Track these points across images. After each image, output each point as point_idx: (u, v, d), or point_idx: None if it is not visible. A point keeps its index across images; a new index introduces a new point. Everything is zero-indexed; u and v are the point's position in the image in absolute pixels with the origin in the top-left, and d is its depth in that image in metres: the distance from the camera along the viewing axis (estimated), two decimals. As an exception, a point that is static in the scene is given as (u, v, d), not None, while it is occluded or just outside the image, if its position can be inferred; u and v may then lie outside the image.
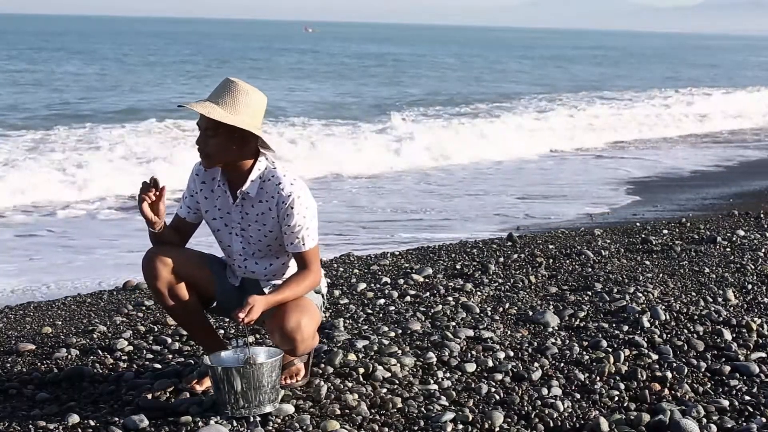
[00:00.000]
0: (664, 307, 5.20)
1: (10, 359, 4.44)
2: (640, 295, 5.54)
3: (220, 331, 4.70)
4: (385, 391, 3.85)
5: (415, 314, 5.12)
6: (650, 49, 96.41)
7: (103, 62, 40.06)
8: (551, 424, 3.61)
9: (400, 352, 4.34)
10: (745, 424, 3.63)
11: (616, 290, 5.69)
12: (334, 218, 9.56)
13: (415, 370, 4.13)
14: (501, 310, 5.27)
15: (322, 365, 4.09)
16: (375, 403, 3.72)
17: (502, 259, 6.79)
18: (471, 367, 4.17)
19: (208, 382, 3.74)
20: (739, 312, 5.27)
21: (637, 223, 8.66)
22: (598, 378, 4.10)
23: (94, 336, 4.85)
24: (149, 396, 3.75)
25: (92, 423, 3.49)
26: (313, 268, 3.65)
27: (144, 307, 5.53)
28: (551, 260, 6.75)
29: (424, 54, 62.78)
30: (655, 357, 4.38)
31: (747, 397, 3.93)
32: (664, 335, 4.73)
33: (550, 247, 7.31)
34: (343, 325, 4.86)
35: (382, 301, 5.48)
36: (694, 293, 5.68)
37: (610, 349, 4.48)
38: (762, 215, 8.87)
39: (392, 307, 5.32)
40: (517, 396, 3.84)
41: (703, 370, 4.24)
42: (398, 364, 4.15)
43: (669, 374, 4.13)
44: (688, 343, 4.59)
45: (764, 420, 3.66)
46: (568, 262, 6.70)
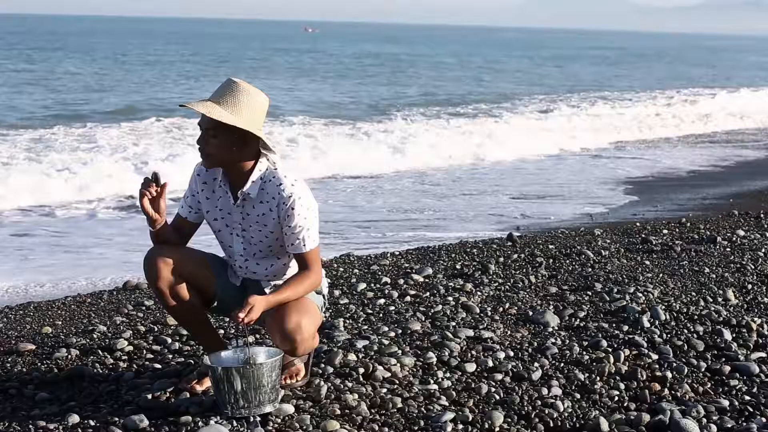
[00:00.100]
0: (664, 307, 5.20)
1: (10, 359, 4.44)
2: (640, 295, 5.54)
3: (220, 331, 4.69)
4: (385, 391, 3.85)
5: (415, 314, 5.12)
6: (650, 49, 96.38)
7: (103, 62, 40.06)
8: (551, 424, 3.61)
9: (400, 352, 4.33)
10: (745, 424, 3.63)
11: (616, 290, 5.69)
12: (334, 218, 9.56)
13: (415, 370, 4.13)
14: (501, 310, 5.27)
15: (322, 365, 4.09)
16: (375, 403, 3.72)
17: (502, 259, 6.79)
18: (471, 367, 4.17)
19: (208, 382, 3.74)
20: (739, 312, 5.27)
21: (637, 223, 8.65)
22: (598, 378, 4.10)
23: (94, 336, 4.85)
24: (149, 396, 3.75)
25: (92, 423, 3.49)
26: (314, 269, 3.65)
27: (144, 307, 5.53)
28: (551, 260, 6.75)
29: (424, 54, 62.75)
30: (655, 357, 4.38)
31: (747, 397, 3.94)
32: (664, 335, 4.73)
33: (550, 247, 7.31)
34: (343, 325, 4.86)
35: (382, 301, 5.48)
36: (694, 293, 5.68)
37: (610, 349, 4.48)
38: (762, 215, 8.87)
39: (392, 307, 5.32)
40: (517, 396, 3.84)
41: (703, 370, 4.25)
42: (398, 364, 4.14)
43: (669, 374, 4.13)
44: (688, 343, 4.59)
45: (764, 420, 3.67)
46: (568, 262, 6.70)
